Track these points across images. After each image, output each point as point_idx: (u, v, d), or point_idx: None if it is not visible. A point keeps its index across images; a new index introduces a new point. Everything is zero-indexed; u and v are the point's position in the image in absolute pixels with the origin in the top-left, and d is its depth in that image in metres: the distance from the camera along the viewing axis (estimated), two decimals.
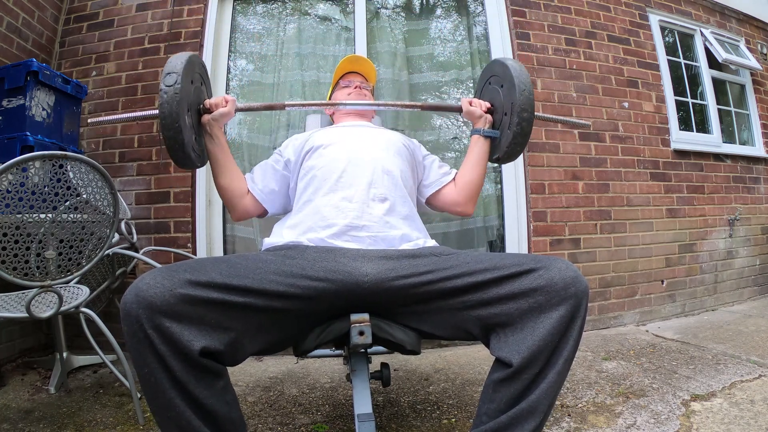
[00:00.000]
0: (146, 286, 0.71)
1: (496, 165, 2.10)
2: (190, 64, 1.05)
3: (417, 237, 1.09)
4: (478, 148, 1.25)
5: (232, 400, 0.78)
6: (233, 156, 1.25)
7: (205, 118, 1.14)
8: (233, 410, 0.78)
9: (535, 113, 1.15)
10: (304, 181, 1.17)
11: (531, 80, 1.22)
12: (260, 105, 1.34)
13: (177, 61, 1.03)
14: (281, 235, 1.10)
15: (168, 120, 0.98)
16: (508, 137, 1.16)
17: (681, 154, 2.76)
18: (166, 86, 0.98)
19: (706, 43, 3.07)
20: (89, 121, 1.17)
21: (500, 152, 1.22)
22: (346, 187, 1.09)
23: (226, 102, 1.15)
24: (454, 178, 1.30)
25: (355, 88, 1.42)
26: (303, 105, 1.45)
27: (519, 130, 1.13)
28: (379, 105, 1.34)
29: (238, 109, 1.19)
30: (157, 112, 1.01)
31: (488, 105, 1.26)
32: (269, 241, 1.08)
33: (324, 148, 1.19)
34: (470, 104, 1.25)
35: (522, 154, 2.38)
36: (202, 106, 1.15)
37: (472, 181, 1.25)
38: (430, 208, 1.35)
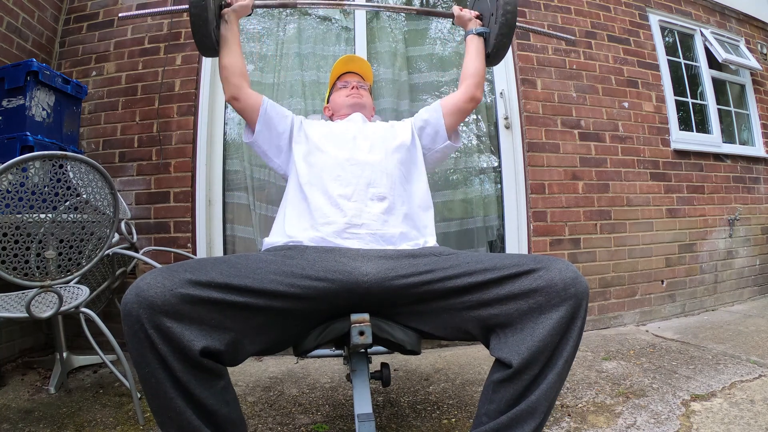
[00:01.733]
0: (147, 286, 0.71)
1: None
2: None
3: (416, 236, 1.09)
4: (474, 44, 1.38)
5: (233, 399, 0.79)
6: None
7: (226, 9, 1.28)
8: (233, 410, 0.78)
9: (518, 23, 1.32)
10: (305, 179, 1.15)
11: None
12: (276, 3, 1.68)
13: None
14: (281, 233, 1.10)
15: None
16: (495, 30, 1.31)
17: (681, 154, 2.76)
18: None
19: (706, 43, 3.07)
20: (120, 15, 1.34)
21: (489, 48, 1.36)
22: (345, 185, 1.10)
23: None
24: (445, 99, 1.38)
25: (353, 88, 1.43)
26: (314, 4, 1.69)
27: (504, 20, 1.27)
28: (374, 6, 1.50)
29: (254, 6, 1.33)
30: (186, 6, 1.15)
31: (476, 14, 1.43)
32: (269, 241, 1.08)
33: (323, 146, 1.20)
34: (461, 10, 1.43)
35: (522, 154, 2.40)
36: (224, 1, 1.30)
37: (476, 68, 1.35)
38: (452, 140, 1.36)
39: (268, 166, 1.34)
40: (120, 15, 1.34)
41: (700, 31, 3.10)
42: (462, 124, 2.57)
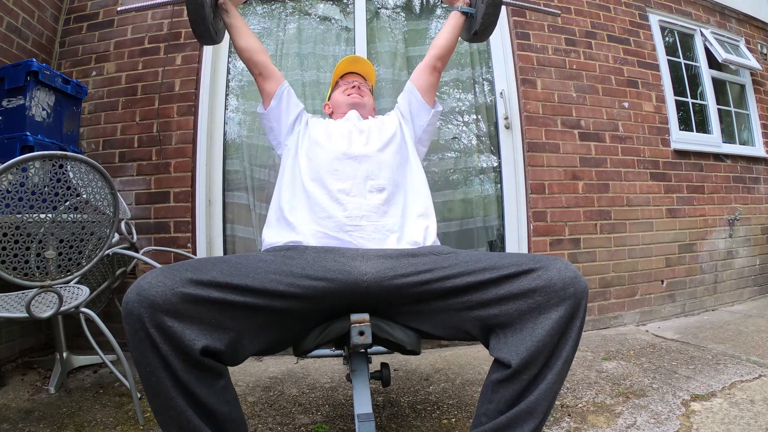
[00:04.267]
0: (148, 285, 0.71)
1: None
2: None
3: (416, 225, 1.10)
4: (454, 20, 1.41)
5: (233, 399, 0.79)
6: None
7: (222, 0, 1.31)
8: (234, 410, 0.78)
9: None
10: (305, 173, 1.15)
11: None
12: None
13: None
14: (281, 219, 1.11)
15: None
16: (482, 9, 1.32)
17: (681, 154, 2.76)
18: None
19: (706, 43, 3.07)
20: (118, 9, 1.38)
21: (477, 25, 1.37)
22: (343, 180, 1.11)
23: None
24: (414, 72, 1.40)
25: (353, 87, 1.43)
26: None
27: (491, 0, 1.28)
28: None
29: None
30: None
31: None
32: (269, 241, 1.09)
33: (322, 141, 1.21)
34: None
35: (522, 154, 2.40)
36: None
37: (446, 43, 1.39)
38: (435, 107, 1.38)
39: (268, 138, 1.42)
40: (119, 9, 1.38)
41: (700, 31, 3.10)
42: (462, 125, 2.58)
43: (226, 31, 1.39)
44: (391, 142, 1.23)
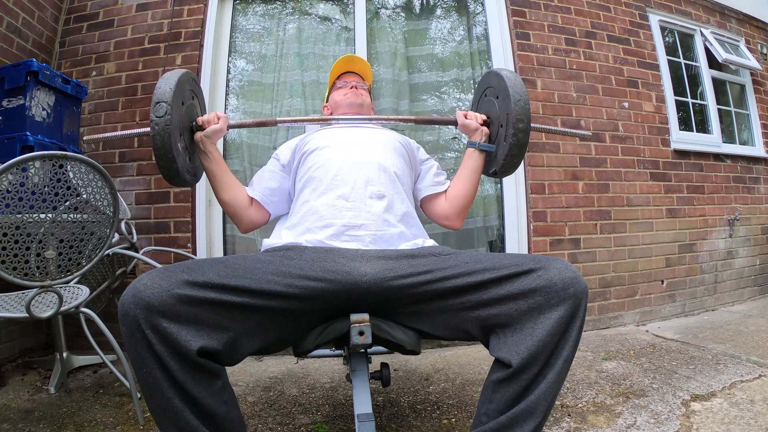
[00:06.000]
0: (143, 287, 0.71)
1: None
2: (179, 87, 1.05)
3: (415, 235, 1.09)
4: (472, 161, 1.21)
5: (231, 399, 0.78)
6: (232, 169, 1.26)
7: (198, 135, 1.15)
8: (232, 410, 0.78)
9: (532, 124, 1.12)
10: (302, 182, 1.17)
11: (531, 80, 1.22)
12: (252, 122, 1.33)
13: (166, 87, 1.02)
14: (280, 236, 1.10)
15: (161, 151, 1.00)
16: (504, 149, 1.14)
17: (681, 154, 2.76)
18: (157, 117, 0.99)
19: (706, 43, 3.07)
20: (85, 138, 1.19)
21: (497, 165, 1.19)
22: (342, 185, 1.09)
23: (218, 119, 1.16)
24: (446, 190, 1.27)
25: (351, 88, 1.41)
26: (295, 121, 1.38)
27: (515, 141, 1.10)
28: (372, 119, 1.31)
29: (230, 126, 1.20)
30: (148, 130, 1.02)
31: (484, 117, 1.23)
32: (268, 242, 1.08)
33: (320, 149, 1.20)
34: (465, 117, 1.22)
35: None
36: (194, 123, 1.16)
37: (464, 195, 1.22)
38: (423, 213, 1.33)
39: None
40: (85, 138, 1.21)
41: (700, 31, 3.10)
42: None
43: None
44: (393, 149, 1.22)
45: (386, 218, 1.06)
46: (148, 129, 1.01)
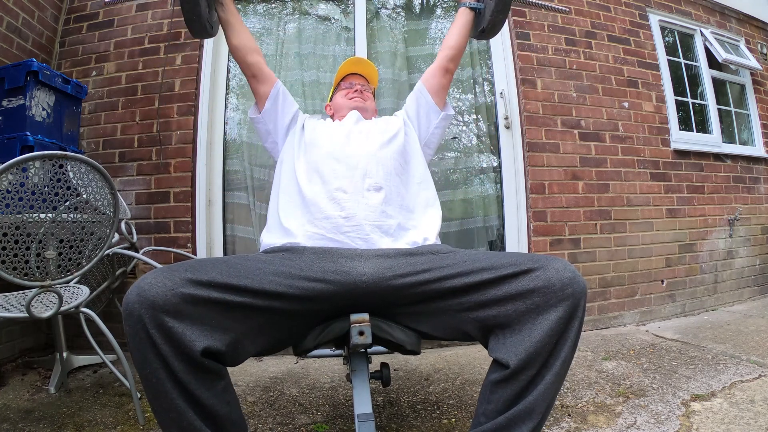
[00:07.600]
0: (148, 286, 0.71)
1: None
2: None
3: (413, 226, 1.09)
4: (463, 17, 1.37)
5: (233, 400, 0.79)
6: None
7: None
8: (234, 410, 0.78)
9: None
10: (302, 171, 1.16)
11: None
12: None
13: None
14: (277, 226, 1.10)
15: None
16: (491, 6, 1.30)
17: (681, 154, 2.76)
18: None
19: (706, 43, 3.07)
20: (105, 0, 1.27)
21: (485, 23, 1.34)
22: (341, 178, 1.10)
23: None
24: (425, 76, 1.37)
25: (356, 90, 1.42)
26: None
27: None
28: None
29: None
30: None
31: None
32: (267, 242, 1.08)
33: (320, 140, 1.20)
34: None
35: (522, 154, 2.40)
36: None
37: (457, 43, 1.36)
38: (445, 110, 1.36)
39: (264, 145, 1.40)
40: (105, 0, 1.36)
41: (700, 31, 3.10)
42: (462, 124, 2.58)
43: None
44: (391, 142, 1.22)
45: (384, 210, 1.07)
46: None
